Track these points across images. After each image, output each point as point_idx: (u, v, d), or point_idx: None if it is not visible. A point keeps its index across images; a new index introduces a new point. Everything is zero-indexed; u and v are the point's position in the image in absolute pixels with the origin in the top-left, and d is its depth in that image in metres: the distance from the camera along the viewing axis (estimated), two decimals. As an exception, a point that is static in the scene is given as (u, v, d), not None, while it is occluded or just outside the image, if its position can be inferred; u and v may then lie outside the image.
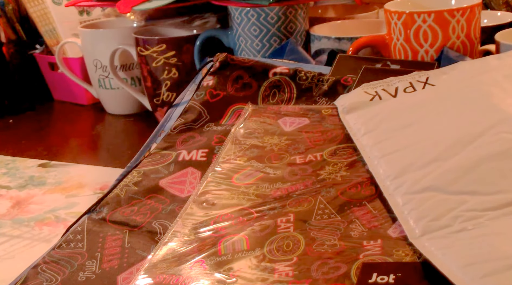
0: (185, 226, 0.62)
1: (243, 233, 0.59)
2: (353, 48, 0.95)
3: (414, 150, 0.63)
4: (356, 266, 0.52)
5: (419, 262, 0.52)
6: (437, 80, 0.74)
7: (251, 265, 0.55)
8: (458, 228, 0.53)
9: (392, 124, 0.68)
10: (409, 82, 0.75)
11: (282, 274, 0.53)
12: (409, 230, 0.54)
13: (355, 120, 0.72)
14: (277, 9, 1.05)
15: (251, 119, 0.77)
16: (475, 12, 0.89)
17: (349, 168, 0.66)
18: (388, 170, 0.62)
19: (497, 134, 0.61)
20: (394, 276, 0.50)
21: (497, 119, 0.63)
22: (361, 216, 0.59)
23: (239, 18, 1.07)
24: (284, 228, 0.59)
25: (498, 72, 0.72)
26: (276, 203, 0.62)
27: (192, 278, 0.55)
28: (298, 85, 0.82)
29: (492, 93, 0.67)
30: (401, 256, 0.53)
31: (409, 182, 0.59)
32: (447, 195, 0.56)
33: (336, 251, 0.55)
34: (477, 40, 0.91)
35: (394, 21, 0.90)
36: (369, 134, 0.68)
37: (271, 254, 0.56)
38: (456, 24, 0.87)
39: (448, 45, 0.88)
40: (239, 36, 1.07)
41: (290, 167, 0.68)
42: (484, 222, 0.53)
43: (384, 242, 0.55)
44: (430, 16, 0.87)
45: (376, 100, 0.74)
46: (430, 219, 0.55)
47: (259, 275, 0.54)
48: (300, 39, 1.08)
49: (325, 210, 0.60)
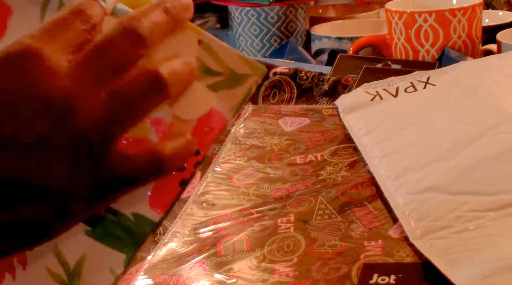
0: (185, 227, 0.61)
1: (243, 234, 0.59)
2: (353, 48, 0.95)
3: (415, 150, 0.63)
4: (357, 267, 0.52)
5: (420, 262, 0.52)
6: (438, 80, 0.74)
7: (251, 266, 0.55)
8: (459, 228, 0.53)
9: (393, 124, 0.68)
10: (410, 82, 0.75)
11: (283, 274, 0.53)
12: (410, 231, 0.54)
13: (355, 120, 0.72)
14: (277, 8, 1.04)
15: (251, 119, 0.77)
16: (477, 12, 0.89)
17: (349, 168, 0.66)
18: (389, 170, 0.62)
19: (498, 134, 0.61)
20: (395, 277, 0.50)
21: (498, 119, 0.62)
22: (361, 217, 0.59)
23: (239, 17, 1.06)
24: (284, 228, 0.59)
25: (499, 72, 0.71)
26: (277, 203, 0.62)
27: (192, 278, 0.55)
28: (299, 85, 0.82)
29: (493, 93, 0.67)
30: (402, 256, 0.53)
31: (410, 182, 0.59)
32: (448, 196, 0.56)
33: (336, 252, 0.55)
34: (478, 40, 0.91)
35: (395, 20, 0.90)
36: (370, 134, 0.68)
37: (271, 255, 0.56)
38: (457, 23, 0.87)
39: (449, 45, 0.88)
40: (239, 35, 1.07)
41: (290, 167, 0.67)
42: (486, 223, 0.52)
43: (385, 243, 0.55)
44: (431, 16, 0.87)
45: (377, 100, 0.73)
46: (431, 219, 0.54)
47: (260, 276, 0.53)
48: (300, 39, 1.08)
49: (326, 210, 0.60)
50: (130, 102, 0.36)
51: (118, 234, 0.40)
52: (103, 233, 0.40)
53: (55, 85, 0.35)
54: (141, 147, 0.37)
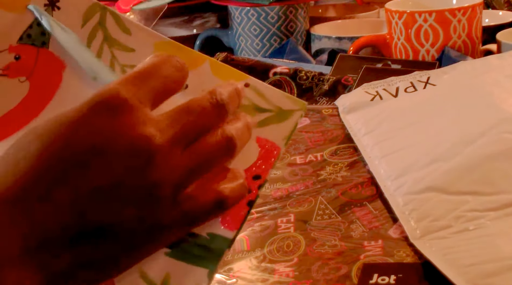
0: (185, 226, 0.61)
1: (243, 233, 0.59)
2: (353, 48, 0.95)
3: (415, 150, 0.63)
4: (357, 267, 0.52)
5: (420, 262, 0.52)
6: (438, 80, 0.74)
7: (251, 266, 0.55)
8: (459, 228, 0.53)
9: (393, 124, 0.68)
10: (410, 82, 0.75)
11: (283, 274, 0.53)
12: (410, 231, 0.54)
13: (355, 120, 0.72)
14: (278, 8, 1.04)
15: (251, 119, 0.76)
16: (477, 12, 0.89)
17: (349, 168, 0.66)
18: (389, 170, 0.62)
19: (499, 134, 0.61)
20: (395, 277, 0.50)
21: (499, 119, 0.62)
22: (361, 216, 0.58)
23: (239, 17, 1.06)
24: (284, 228, 0.59)
25: (499, 72, 0.71)
26: (277, 203, 0.62)
27: (192, 278, 0.55)
28: (299, 85, 0.82)
29: (494, 93, 0.67)
30: (402, 256, 0.53)
31: (410, 182, 0.59)
32: (448, 195, 0.56)
33: (336, 252, 0.55)
34: (478, 40, 0.91)
35: (395, 20, 0.90)
36: (370, 134, 0.68)
37: (271, 255, 0.56)
38: (457, 23, 0.87)
39: (449, 45, 0.88)
40: (239, 35, 1.07)
41: (290, 167, 0.67)
42: (486, 223, 0.52)
43: (385, 243, 0.55)
44: (431, 16, 0.87)
45: (377, 100, 0.73)
46: (431, 219, 0.54)
47: (259, 276, 0.53)
48: (300, 38, 1.08)
49: (326, 210, 0.60)
50: (205, 161, 0.41)
51: (197, 253, 0.43)
52: (182, 253, 0.43)
53: (141, 134, 0.38)
54: (207, 188, 0.42)
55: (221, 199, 0.41)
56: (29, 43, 0.46)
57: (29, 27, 0.46)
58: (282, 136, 0.45)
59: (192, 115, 0.41)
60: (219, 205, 0.41)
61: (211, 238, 0.43)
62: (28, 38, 0.46)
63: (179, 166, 0.39)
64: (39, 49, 0.46)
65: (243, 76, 0.46)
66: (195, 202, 0.40)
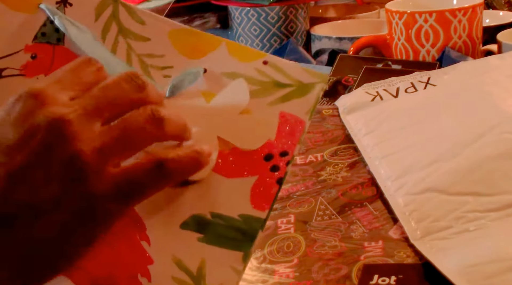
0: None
1: (243, 234, 0.59)
2: (354, 48, 0.94)
3: (415, 151, 0.63)
4: (357, 268, 0.52)
5: (420, 263, 0.51)
6: (438, 81, 0.74)
7: (252, 267, 0.55)
8: (460, 229, 0.53)
9: (393, 125, 0.68)
10: (410, 83, 0.74)
11: (283, 275, 0.53)
12: (411, 231, 0.54)
13: (356, 120, 0.72)
14: (278, 8, 1.04)
15: (251, 119, 0.76)
16: (477, 12, 0.89)
17: (350, 168, 0.65)
18: (389, 170, 0.62)
19: (499, 134, 0.60)
20: (395, 278, 0.50)
21: (499, 119, 0.62)
22: (362, 217, 0.58)
23: (239, 18, 1.06)
24: (284, 229, 0.59)
25: (500, 72, 0.71)
26: (277, 204, 0.62)
27: (191, 279, 0.54)
28: (299, 85, 0.82)
29: (494, 93, 0.67)
30: (402, 257, 0.53)
31: (410, 182, 0.59)
32: (448, 196, 0.56)
33: (337, 252, 0.54)
34: (478, 40, 0.91)
35: (395, 21, 0.90)
36: (370, 134, 0.68)
37: (271, 255, 0.56)
38: (457, 24, 0.87)
39: (449, 45, 0.88)
40: (239, 36, 1.07)
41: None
42: (486, 223, 0.52)
43: (385, 243, 0.55)
44: (432, 16, 0.87)
45: (377, 100, 0.73)
46: (431, 220, 0.54)
47: (260, 277, 0.53)
48: (300, 39, 1.07)
49: (326, 211, 0.60)
50: (129, 130, 0.40)
51: (230, 235, 0.42)
52: (215, 237, 0.42)
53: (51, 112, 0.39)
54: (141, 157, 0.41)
55: (159, 161, 0.40)
56: (44, 41, 0.46)
57: (43, 25, 0.46)
58: (306, 110, 0.44)
59: (107, 90, 0.41)
60: (158, 167, 0.40)
61: (243, 219, 0.42)
62: (42, 37, 0.46)
63: (99, 134, 0.39)
64: (54, 46, 0.46)
65: (260, 54, 0.46)
66: (130, 170, 0.40)
